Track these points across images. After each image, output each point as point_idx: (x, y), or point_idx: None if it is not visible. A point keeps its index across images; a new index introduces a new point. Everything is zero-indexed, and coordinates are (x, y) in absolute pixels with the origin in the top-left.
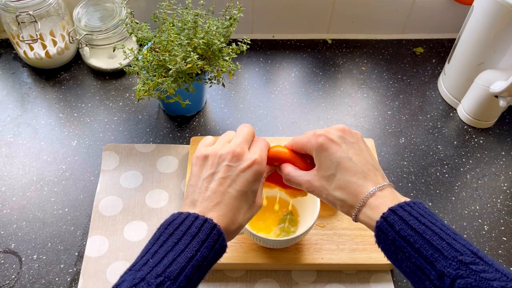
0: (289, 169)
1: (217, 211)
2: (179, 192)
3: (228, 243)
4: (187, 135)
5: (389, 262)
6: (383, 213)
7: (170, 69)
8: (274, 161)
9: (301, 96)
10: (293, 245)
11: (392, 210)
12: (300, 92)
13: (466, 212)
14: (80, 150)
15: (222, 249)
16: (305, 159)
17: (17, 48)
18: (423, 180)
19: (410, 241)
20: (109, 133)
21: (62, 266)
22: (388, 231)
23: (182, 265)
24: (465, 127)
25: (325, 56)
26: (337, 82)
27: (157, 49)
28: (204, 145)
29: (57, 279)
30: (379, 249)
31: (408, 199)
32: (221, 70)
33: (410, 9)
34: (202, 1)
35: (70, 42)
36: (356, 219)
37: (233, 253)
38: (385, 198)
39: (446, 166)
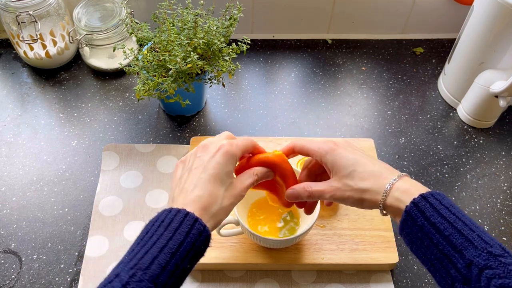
0: (307, 184)
1: (192, 197)
2: None
3: (228, 243)
4: (187, 135)
5: (389, 262)
6: (414, 198)
7: (170, 69)
8: (270, 166)
9: (301, 96)
10: (293, 245)
11: (423, 197)
12: (300, 92)
13: (466, 212)
14: (80, 150)
15: (202, 234)
16: (294, 174)
17: (17, 48)
18: (423, 180)
19: (440, 228)
20: (109, 133)
21: (62, 266)
22: (417, 216)
23: (154, 254)
24: (465, 127)
25: (325, 56)
26: (337, 82)
27: (157, 49)
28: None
29: (57, 279)
30: (380, 248)
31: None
32: (221, 70)
33: (410, 9)
34: (202, 1)
35: (70, 42)
36: (384, 206)
37: (233, 253)
38: (413, 183)
39: (446, 166)
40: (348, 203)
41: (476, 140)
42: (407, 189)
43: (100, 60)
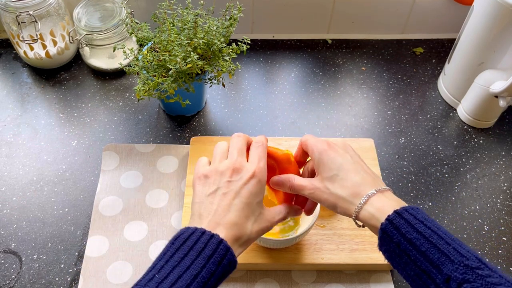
0: (291, 177)
1: (224, 224)
2: (179, 192)
3: None
4: (187, 135)
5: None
6: (388, 215)
7: (170, 69)
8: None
9: (301, 96)
10: (293, 245)
11: (397, 213)
12: (300, 92)
13: (466, 212)
14: (80, 150)
15: (231, 264)
16: (297, 168)
17: (17, 48)
18: (423, 180)
19: (416, 244)
20: (109, 133)
21: (62, 266)
22: (393, 233)
23: (187, 282)
24: (465, 127)
25: (325, 56)
26: (337, 82)
27: (157, 49)
28: (201, 165)
29: (57, 279)
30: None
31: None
32: (221, 70)
33: (410, 9)
34: (202, 1)
35: (70, 42)
36: (356, 217)
37: None
38: (388, 199)
39: (446, 166)
40: (324, 205)
41: (476, 140)
42: (381, 206)
43: (100, 60)
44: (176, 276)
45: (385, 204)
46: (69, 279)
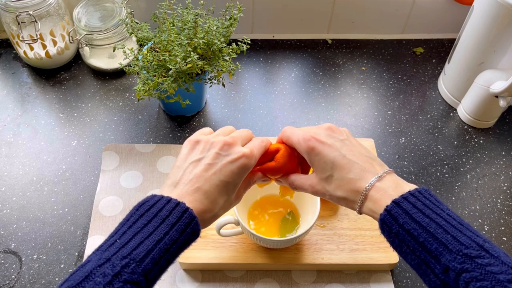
0: (293, 178)
1: (195, 195)
2: None
3: (228, 243)
4: (187, 135)
5: (389, 262)
6: (387, 206)
7: (170, 69)
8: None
9: (301, 96)
10: (293, 245)
11: (395, 203)
12: (300, 92)
13: (466, 212)
14: (80, 150)
15: (195, 233)
16: (300, 159)
17: (17, 48)
18: (423, 180)
19: (414, 235)
20: (109, 133)
21: (62, 266)
22: (391, 224)
23: (149, 247)
24: (465, 127)
25: (325, 56)
26: (337, 82)
27: (157, 49)
28: (200, 132)
29: (57, 279)
30: (380, 248)
31: (413, 187)
32: (221, 70)
33: (410, 9)
34: (202, 1)
35: (70, 42)
36: (361, 213)
37: (233, 253)
38: (386, 189)
39: (446, 166)
40: (329, 201)
41: (476, 140)
42: (379, 199)
43: (100, 60)
44: (138, 241)
45: (383, 195)
46: None
